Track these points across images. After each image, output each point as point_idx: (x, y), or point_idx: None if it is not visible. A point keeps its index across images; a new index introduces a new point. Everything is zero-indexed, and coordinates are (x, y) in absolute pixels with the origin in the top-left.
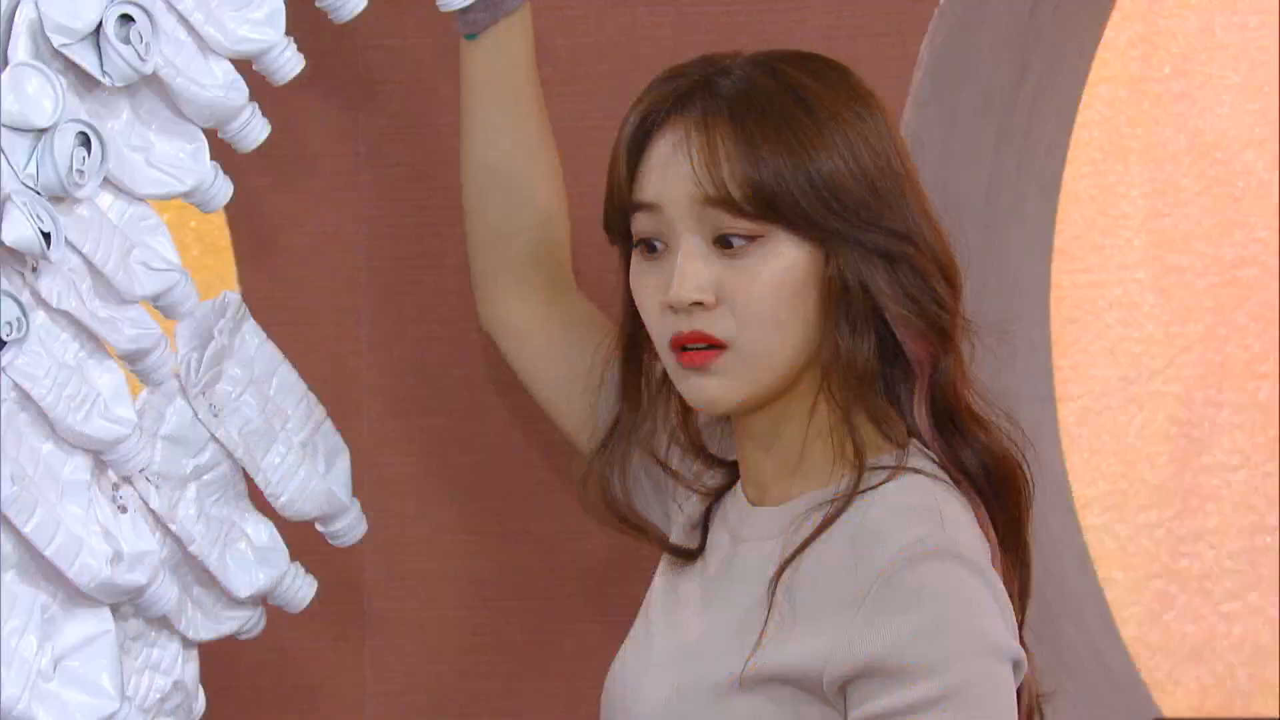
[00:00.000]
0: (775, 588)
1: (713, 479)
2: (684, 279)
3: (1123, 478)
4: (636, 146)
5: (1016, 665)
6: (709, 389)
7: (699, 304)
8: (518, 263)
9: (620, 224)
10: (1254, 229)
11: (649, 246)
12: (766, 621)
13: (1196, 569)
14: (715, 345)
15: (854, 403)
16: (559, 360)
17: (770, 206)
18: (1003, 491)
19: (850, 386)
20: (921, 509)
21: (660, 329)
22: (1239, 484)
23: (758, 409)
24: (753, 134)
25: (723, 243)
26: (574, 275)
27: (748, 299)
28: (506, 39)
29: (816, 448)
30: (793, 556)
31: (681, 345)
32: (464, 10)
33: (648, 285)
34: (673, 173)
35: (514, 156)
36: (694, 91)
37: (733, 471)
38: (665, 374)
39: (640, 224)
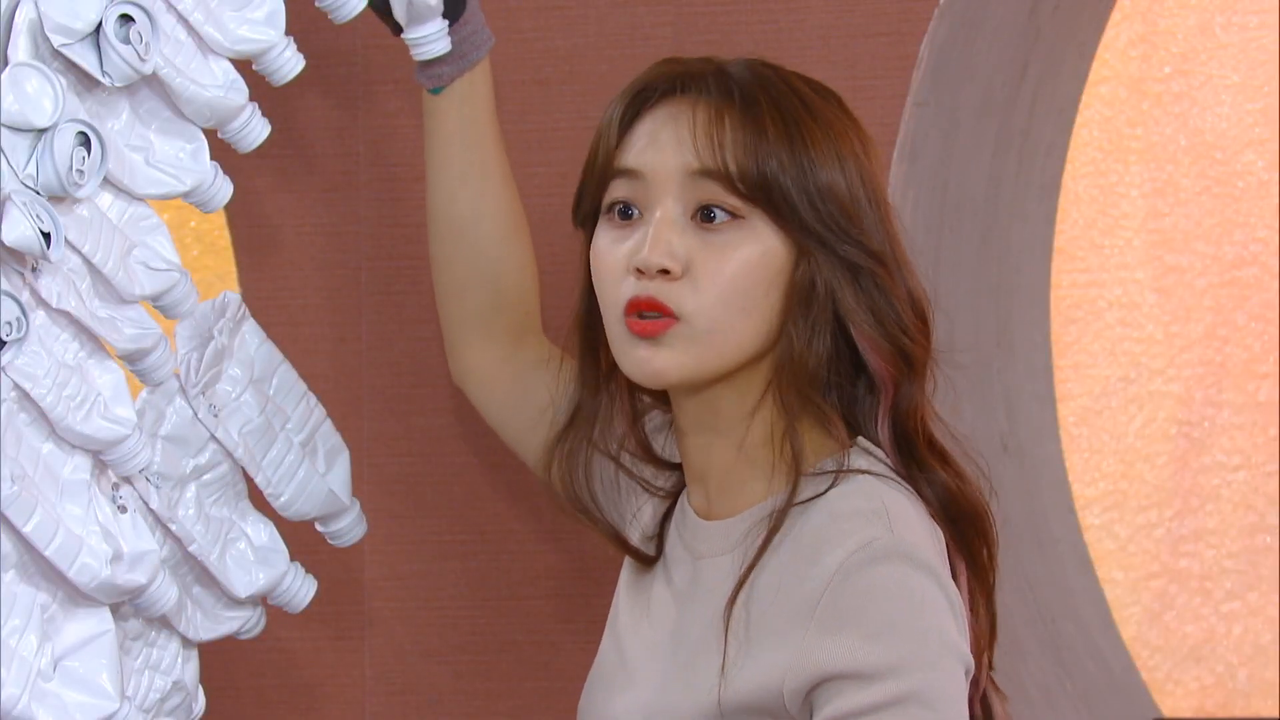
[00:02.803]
0: (730, 615)
1: (665, 481)
2: (657, 243)
3: (1123, 478)
4: (628, 116)
5: (966, 671)
6: (655, 360)
7: (665, 272)
8: (483, 311)
9: (594, 195)
10: (1254, 229)
11: (623, 213)
12: (725, 651)
13: (1196, 569)
14: (668, 315)
15: (801, 406)
16: (521, 401)
17: (763, 190)
18: (965, 530)
19: (799, 387)
20: (867, 512)
21: (616, 294)
22: (1239, 484)
23: (699, 392)
24: (761, 122)
25: (704, 215)
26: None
27: (715, 275)
28: (470, 91)
29: (761, 453)
30: (743, 581)
31: (636, 310)
32: (429, 64)
33: (614, 251)
34: (668, 142)
35: (480, 207)
36: (705, 75)
37: (682, 476)
38: (614, 369)
39: (617, 190)
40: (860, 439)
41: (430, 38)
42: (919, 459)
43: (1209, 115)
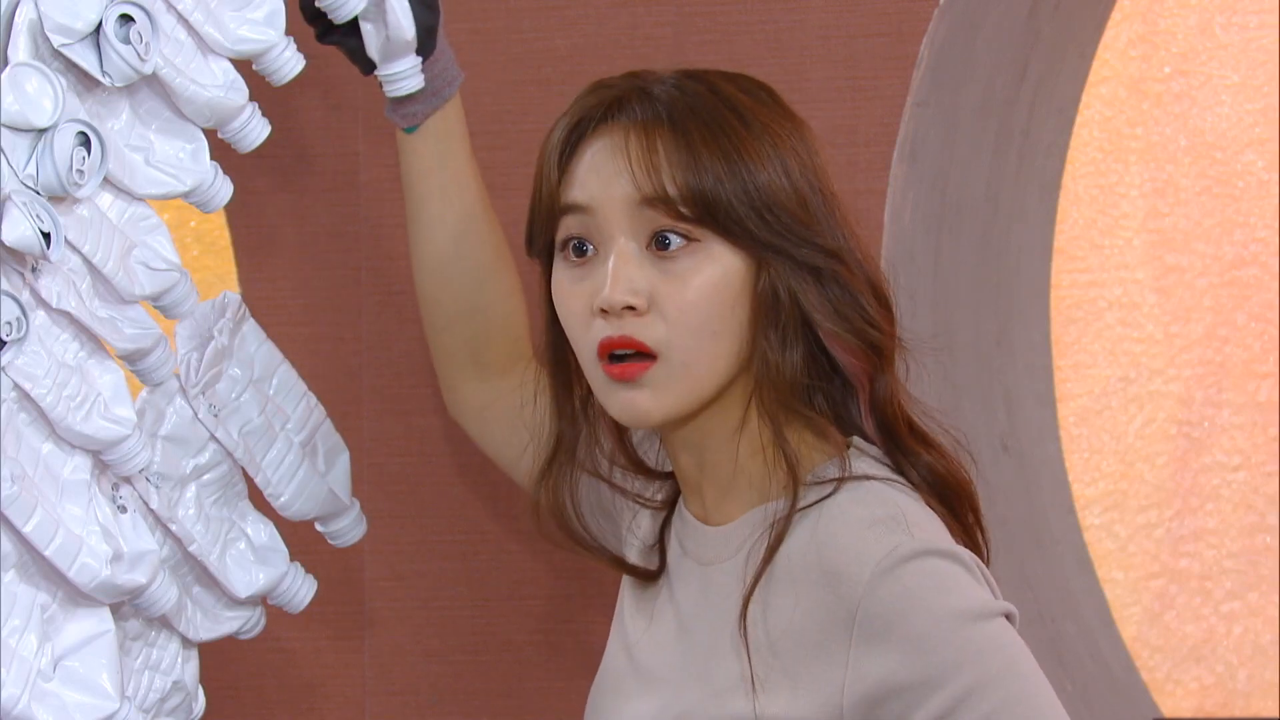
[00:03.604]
0: (745, 625)
1: (659, 492)
2: (617, 281)
3: (1123, 478)
4: (567, 151)
5: (1010, 616)
6: (638, 402)
7: (631, 309)
8: (474, 343)
9: (545, 231)
10: (1254, 229)
11: (577, 249)
12: (750, 663)
13: (1196, 569)
14: (645, 354)
15: (786, 415)
16: (518, 428)
17: (708, 211)
18: (956, 507)
19: (780, 398)
20: (885, 519)
21: (587, 337)
22: (1239, 484)
23: (687, 422)
24: (693, 140)
25: (659, 243)
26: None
27: (681, 306)
28: (445, 128)
29: (754, 463)
30: (752, 588)
31: (610, 351)
32: (402, 102)
33: (576, 293)
34: (609, 174)
35: (462, 241)
36: (629, 98)
37: (676, 482)
38: (589, 397)
39: (569, 226)
40: (855, 439)
41: (405, 73)
42: (903, 446)
43: (1209, 115)
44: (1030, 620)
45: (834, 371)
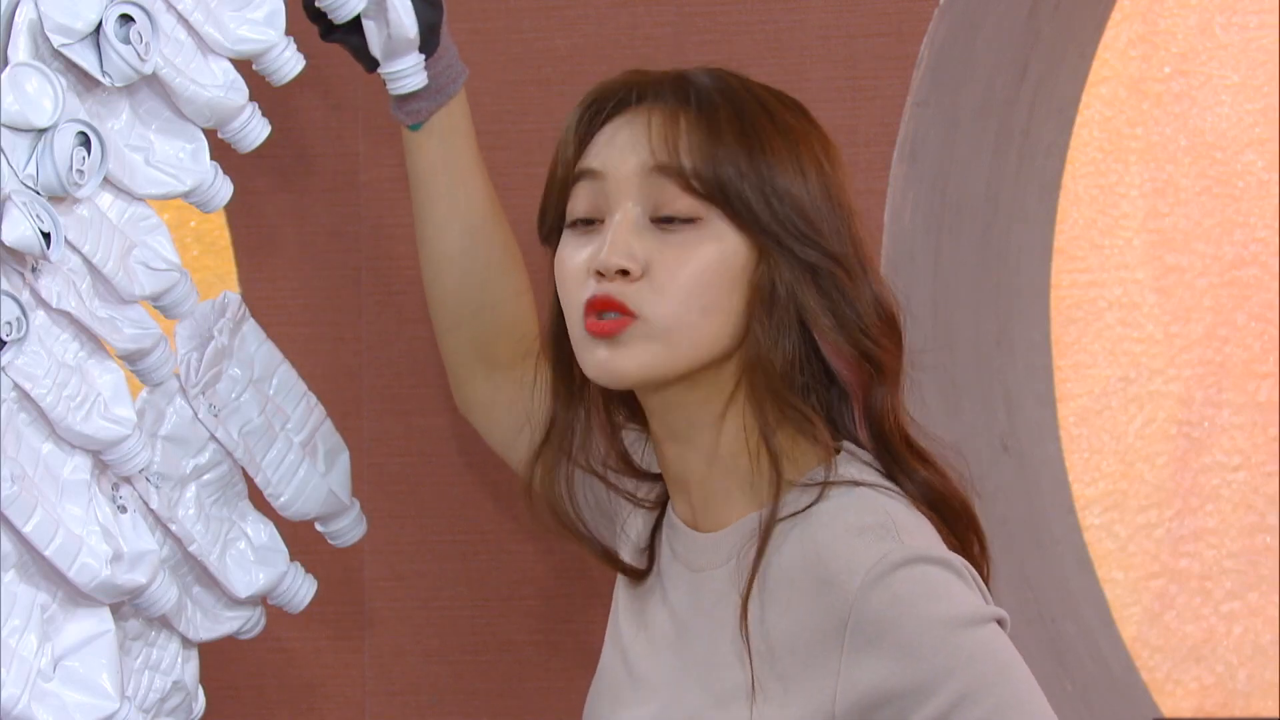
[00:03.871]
0: (746, 632)
1: (649, 492)
2: (615, 244)
3: (1123, 478)
4: (585, 125)
5: (1002, 621)
6: (615, 360)
7: (624, 273)
8: (483, 340)
9: (558, 204)
10: (1254, 229)
11: (585, 223)
12: (752, 669)
13: (1196, 569)
14: (626, 314)
15: (778, 410)
16: (523, 424)
17: (719, 189)
18: (955, 526)
19: (772, 387)
20: (876, 527)
21: (577, 295)
22: (1239, 484)
23: (665, 394)
24: (718, 126)
25: (662, 221)
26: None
27: (675, 275)
28: (450, 123)
29: (739, 462)
30: (746, 597)
31: (595, 310)
32: (406, 99)
33: (575, 256)
34: (625, 144)
35: (469, 240)
36: (663, 83)
37: (665, 485)
38: (587, 383)
39: (579, 199)
40: (846, 444)
41: (407, 71)
42: (899, 459)
43: (1209, 115)
44: (1030, 620)
45: (831, 379)
